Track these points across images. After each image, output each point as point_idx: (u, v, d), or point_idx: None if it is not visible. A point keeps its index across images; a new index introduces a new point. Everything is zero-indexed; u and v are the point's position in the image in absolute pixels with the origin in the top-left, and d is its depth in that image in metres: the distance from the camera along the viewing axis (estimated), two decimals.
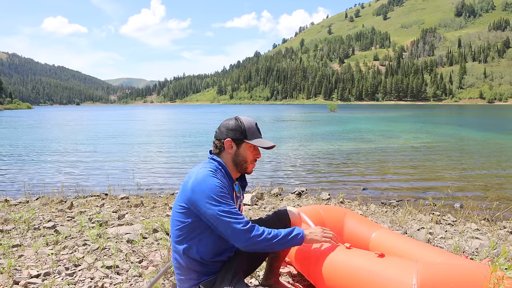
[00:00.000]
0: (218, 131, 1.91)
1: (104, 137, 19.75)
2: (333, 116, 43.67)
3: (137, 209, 4.79)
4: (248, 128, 1.88)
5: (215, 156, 1.91)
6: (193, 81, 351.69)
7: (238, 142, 1.86)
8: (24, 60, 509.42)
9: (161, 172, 9.22)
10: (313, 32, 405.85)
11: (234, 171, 1.91)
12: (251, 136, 1.87)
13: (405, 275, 1.55)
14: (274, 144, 1.89)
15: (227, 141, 1.87)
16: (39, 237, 3.42)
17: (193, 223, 1.78)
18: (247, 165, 1.90)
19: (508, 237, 3.71)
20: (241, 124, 1.87)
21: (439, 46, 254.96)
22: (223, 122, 1.91)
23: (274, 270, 2.20)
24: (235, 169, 1.91)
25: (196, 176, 1.76)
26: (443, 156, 11.50)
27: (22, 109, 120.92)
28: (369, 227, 2.52)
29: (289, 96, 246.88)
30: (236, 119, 1.89)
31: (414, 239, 2.20)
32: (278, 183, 7.44)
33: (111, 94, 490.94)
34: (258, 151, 1.92)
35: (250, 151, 1.89)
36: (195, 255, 1.80)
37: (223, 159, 1.89)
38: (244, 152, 1.88)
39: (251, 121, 1.91)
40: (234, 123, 1.87)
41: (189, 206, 1.75)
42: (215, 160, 1.88)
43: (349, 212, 2.67)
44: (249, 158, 1.89)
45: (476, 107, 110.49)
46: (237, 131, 1.86)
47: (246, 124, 1.88)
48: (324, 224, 2.45)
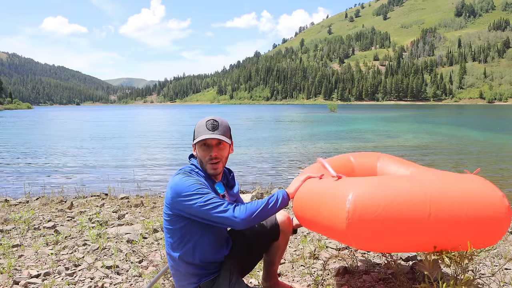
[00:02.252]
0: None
1: (104, 137, 19.75)
2: (333, 116, 43.65)
3: (137, 209, 4.79)
4: (197, 127, 1.84)
5: (193, 159, 1.92)
6: (193, 81, 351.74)
7: (194, 145, 1.85)
8: (24, 60, 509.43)
9: (161, 172, 9.22)
10: (313, 32, 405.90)
11: (207, 173, 1.87)
12: (197, 135, 1.81)
13: (345, 191, 1.55)
14: (213, 137, 1.76)
15: (192, 145, 1.88)
16: (39, 237, 3.42)
17: (183, 228, 1.78)
18: (204, 165, 1.84)
19: (508, 237, 3.71)
20: (196, 125, 1.85)
21: (439, 46, 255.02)
22: None
23: (271, 271, 2.21)
24: (205, 170, 1.86)
25: (171, 181, 1.79)
26: (443, 156, 11.50)
27: (22, 109, 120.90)
28: (403, 167, 2.29)
29: (289, 96, 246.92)
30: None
31: (445, 172, 2.03)
32: (278, 183, 7.44)
33: (111, 94, 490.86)
34: (207, 149, 1.80)
35: (200, 150, 1.82)
36: (191, 259, 1.81)
37: (198, 161, 1.89)
38: (199, 153, 1.84)
39: (205, 119, 1.83)
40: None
41: (174, 212, 1.77)
42: (192, 163, 1.90)
43: (383, 155, 2.49)
44: (202, 158, 1.82)
45: (476, 107, 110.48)
46: (193, 134, 1.86)
47: (197, 124, 1.84)
48: (354, 170, 2.36)
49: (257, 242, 2.01)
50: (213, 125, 1.80)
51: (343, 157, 2.51)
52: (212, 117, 1.84)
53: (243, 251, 1.99)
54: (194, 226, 1.79)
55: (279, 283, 2.24)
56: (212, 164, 1.81)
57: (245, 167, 9.63)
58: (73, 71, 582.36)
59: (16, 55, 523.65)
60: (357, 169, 2.37)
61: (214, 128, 1.79)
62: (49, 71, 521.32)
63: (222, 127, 1.83)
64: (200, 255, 1.82)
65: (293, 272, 2.64)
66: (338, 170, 2.15)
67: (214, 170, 1.83)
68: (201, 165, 1.85)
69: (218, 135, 1.78)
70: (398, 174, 2.23)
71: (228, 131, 1.87)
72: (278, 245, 2.08)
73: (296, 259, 2.87)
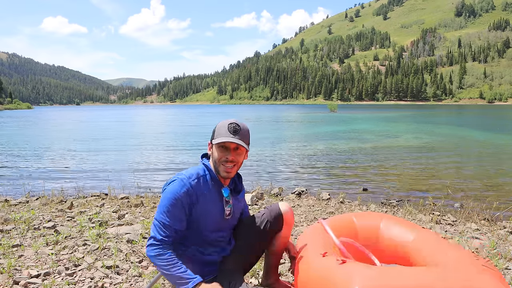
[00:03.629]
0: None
1: (104, 137, 19.75)
2: (333, 116, 43.66)
3: (137, 209, 4.79)
4: (218, 127, 1.86)
5: (205, 159, 1.93)
6: (193, 81, 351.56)
7: (212, 144, 1.87)
8: (24, 60, 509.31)
9: (161, 172, 9.22)
10: (313, 32, 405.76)
11: (219, 175, 1.88)
12: (217, 135, 1.83)
13: (349, 283, 1.49)
14: (233, 141, 1.79)
15: (209, 143, 1.91)
16: (39, 237, 3.42)
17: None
18: (218, 166, 1.85)
19: (508, 237, 3.71)
20: (217, 125, 1.88)
21: (439, 46, 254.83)
22: None
23: (272, 268, 2.20)
24: (217, 171, 1.88)
25: (166, 187, 1.83)
26: (443, 156, 11.49)
27: (22, 109, 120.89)
28: (407, 231, 2.22)
29: (289, 96, 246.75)
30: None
31: (453, 245, 1.96)
32: (278, 183, 7.44)
33: (111, 94, 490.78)
34: (225, 151, 1.83)
35: (218, 151, 1.84)
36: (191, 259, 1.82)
37: (210, 162, 1.90)
38: (215, 153, 1.86)
39: (228, 121, 1.86)
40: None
41: None
42: (203, 163, 1.91)
43: (385, 217, 2.44)
44: (218, 159, 1.84)
45: (476, 107, 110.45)
46: (212, 133, 1.88)
47: (219, 125, 1.86)
48: (357, 232, 2.32)
49: (261, 233, 2.00)
50: (235, 129, 1.82)
51: (346, 217, 2.46)
52: (234, 120, 1.86)
53: (245, 248, 1.99)
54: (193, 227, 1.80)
55: (280, 281, 2.24)
56: (226, 166, 1.83)
57: (245, 167, 9.63)
58: (73, 71, 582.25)
59: (16, 55, 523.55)
60: (360, 231, 2.32)
61: (236, 132, 1.82)
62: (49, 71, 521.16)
63: (243, 132, 1.85)
64: (203, 255, 1.82)
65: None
66: (341, 233, 2.15)
67: (227, 173, 1.85)
68: (214, 165, 1.87)
69: (238, 140, 1.80)
70: (406, 241, 2.12)
71: (248, 137, 1.89)
72: (280, 237, 2.08)
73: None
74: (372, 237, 2.27)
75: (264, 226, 2.00)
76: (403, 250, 2.11)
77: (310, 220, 4.27)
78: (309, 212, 4.68)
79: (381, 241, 2.26)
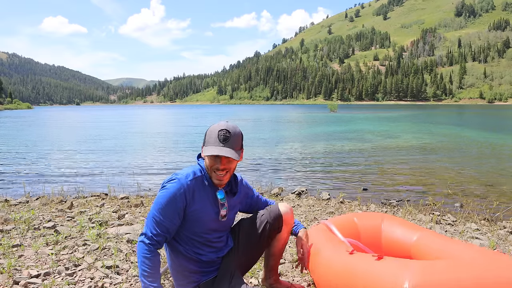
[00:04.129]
0: None
1: (104, 137, 19.75)
2: (333, 116, 43.66)
3: (137, 209, 4.79)
4: (208, 133, 1.81)
5: (201, 160, 1.91)
6: (193, 81, 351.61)
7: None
8: (24, 60, 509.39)
9: (161, 172, 9.22)
10: (313, 32, 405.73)
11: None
12: (207, 143, 1.79)
13: (398, 278, 1.46)
14: (221, 154, 1.71)
15: (202, 147, 1.85)
16: (39, 237, 3.42)
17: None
18: (210, 173, 1.82)
19: (508, 237, 3.71)
20: (208, 128, 1.83)
21: (439, 46, 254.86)
22: None
23: (272, 269, 2.20)
24: (210, 177, 1.84)
25: (166, 180, 1.82)
26: (443, 156, 11.49)
27: (22, 109, 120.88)
28: (409, 231, 2.23)
29: (289, 96, 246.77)
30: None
31: (457, 241, 2.00)
32: (278, 183, 7.44)
33: (111, 94, 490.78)
34: (216, 160, 1.76)
35: (208, 159, 1.80)
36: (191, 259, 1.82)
37: (205, 165, 1.87)
38: (206, 160, 1.82)
39: (218, 127, 1.79)
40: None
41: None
42: (199, 163, 1.89)
43: (386, 217, 2.45)
44: (209, 166, 1.80)
45: (476, 107, 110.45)
46: (204, 137, 1.84)
47: (210, 130, 1.81)
48: (359, 232, 2.31)
49: (260, 234, 2.00)
50: (225, 137, 1.75)
51: (347, 218, 2.46)
52: (225, 126, 1.79)
53: (245, 248, 1.99)
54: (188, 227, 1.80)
55: (279, 281, 2.25)
56: (218, 174, 1.79)
57: (245, 167, 9.63)
58: (73, 71, 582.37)
59: (16, 55, 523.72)
60: (362, 231, 2.32)
61: (226, 140, 1.75)
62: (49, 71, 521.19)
63: (234, 138, 1.79)
64: (200, 255, 1.82)
65: (293, 272, 2.64)
66: (343, 234, 2.15)
67: (219, 181, 1.82)
68: (208, 170, 1.84)
69: (228, 150, 1.74)
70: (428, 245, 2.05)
71: (240, 142, 1.84)
72: (280, 237, 2.08)
73: (296, 259, 2.87)
74: (375, 238, 2.28)
75: (264, 227, 2.00)
76: (407, 249, 2.12)
77: (310, 220, 4.27)
78: (309, 212, 4.68)
79: (384, 241, 2.27)
